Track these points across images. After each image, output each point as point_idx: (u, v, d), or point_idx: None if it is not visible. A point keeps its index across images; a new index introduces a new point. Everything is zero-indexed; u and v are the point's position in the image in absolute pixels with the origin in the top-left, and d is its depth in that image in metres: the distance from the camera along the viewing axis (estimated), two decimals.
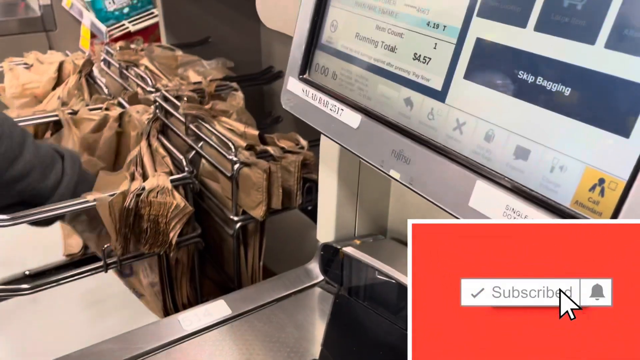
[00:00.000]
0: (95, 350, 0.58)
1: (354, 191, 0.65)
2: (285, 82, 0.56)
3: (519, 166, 0.36)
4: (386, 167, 0.45)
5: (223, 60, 1.25)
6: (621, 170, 0.31)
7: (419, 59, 0.43)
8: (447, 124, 0.41)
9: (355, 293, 0.66)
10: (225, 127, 0.88)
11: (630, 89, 0.31)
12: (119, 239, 0.70)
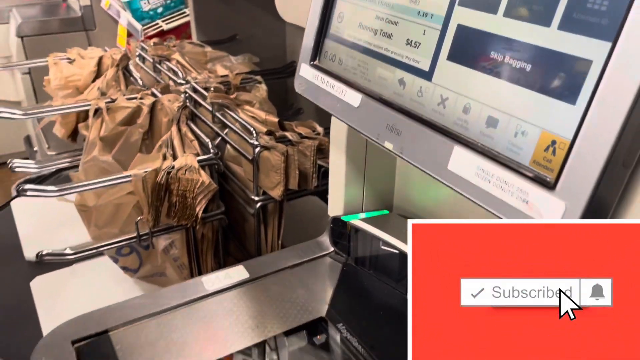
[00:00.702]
0: (127, 304, 0.65)
1: (362, 169, 0.72)
2: (298, 69, 0.63)
3: (489, 133, 0.42)
4: (381, 139, 0.51)
5: (249, 55, 1.33)
6: (568, 132, 0.36)
7: (410, 43, 0.50)
8: (433, 100, 0.47)
9: (362, 262, 0.72)
10: (248, 115, 0.95)
11: (577, 63, 0.36)
12: (151, 211, 0.78)
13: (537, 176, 0.38)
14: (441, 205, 0.68)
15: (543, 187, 0.37)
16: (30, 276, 1.08)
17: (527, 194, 0.38)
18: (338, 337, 0.62)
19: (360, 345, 0.60)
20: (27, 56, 1.97)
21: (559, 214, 0.36)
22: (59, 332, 0.61)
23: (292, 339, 0.62)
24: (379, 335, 0.62)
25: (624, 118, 0.33)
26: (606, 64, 0.34)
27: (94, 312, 0.64)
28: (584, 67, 0.36)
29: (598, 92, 0.34)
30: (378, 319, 0.66)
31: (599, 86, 0.34)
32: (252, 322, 0.62)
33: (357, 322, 0.63)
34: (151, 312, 0.64)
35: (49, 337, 0.60)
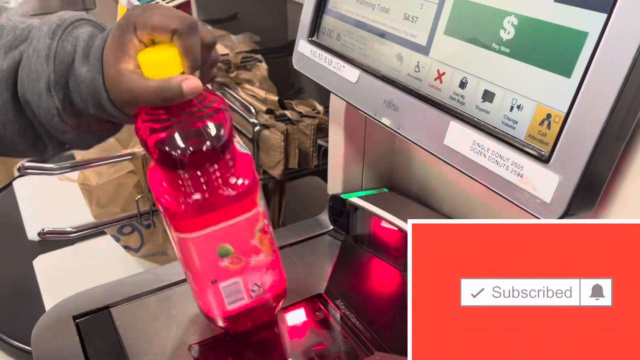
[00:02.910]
0: (128, 281, 0.66)
1: (361, 147, 0.72)
2: (297, 45, 0.63)
3: (486, 107, 0.42)
4: (379, 115, 0.51)
5: (250, 34, 1.32)
6: (563, 105, 0.36)
7: (408, 18, 0.49)
8: (430, 75, 0.47)
9: (360, 240, 0.72)
10: (248, 94, 0.95)
11: (572, 35, 0.36)
12: None
13: (532, 150, 0.38)
14: (440, 182, 0.68)
15: (537, 160, 0.37)
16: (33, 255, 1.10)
17: (521, 167, 0.38)
18: (336, 314, 0.62)
19: (358, 321, 0.60)
20: None
21: (552, 187, 0.36)
22: (61, 308, 0.62)
23: (290, 315, 0.62)
24: (377, 311, 0.62)
25: (618, 91, 0.33)
26: (601, 36, 0.34)
27: (95, 288, 0.64)
28: (579, 39, 0.36)
29: (592, 65, 0.34)
30: (376, 296, 0.66)
31: (594, 59, 0.34)
32: None
33: (355, 299, 0.64)
34: (151, 288, 0.64)
35: (50, 313, 0.61)
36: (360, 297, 0.64)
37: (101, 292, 0.64)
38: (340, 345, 0.59)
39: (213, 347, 0.58)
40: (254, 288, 0.55)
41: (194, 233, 0.49)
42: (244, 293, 0.54)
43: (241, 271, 0.53)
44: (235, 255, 0.52)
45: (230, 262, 0.52)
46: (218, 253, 0.51)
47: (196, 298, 0.57)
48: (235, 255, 0.52)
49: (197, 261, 0.52)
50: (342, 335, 0.60)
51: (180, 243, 0.51)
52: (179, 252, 0.53)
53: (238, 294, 0.54)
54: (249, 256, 0.53)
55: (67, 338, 0.57)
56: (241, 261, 0.53)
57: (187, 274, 0.55)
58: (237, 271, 0.53)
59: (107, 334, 0.58)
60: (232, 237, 0.51)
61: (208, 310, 0.56)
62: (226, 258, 0.52)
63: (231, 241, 0.51)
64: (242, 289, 0.54)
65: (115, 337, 0.58)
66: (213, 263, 0.51)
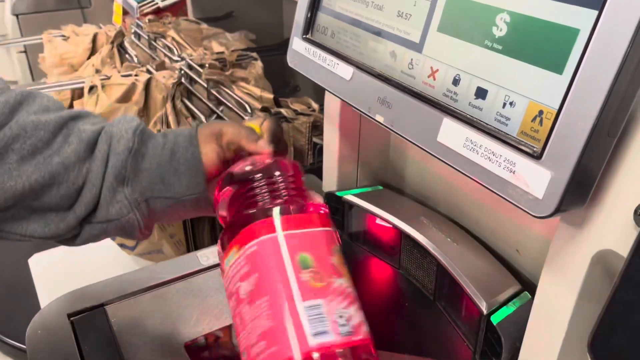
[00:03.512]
0: (123, 279, 0.66)
1: (355, 145, 0.72)
2: (291, 43, 0.63)
3: (478, 104, 0.42)
4: (372, 112, 0.51)
5: (245, 32, 1.32)
6: (555, 102, 0.36)
7: (402, 15, 0.49)
8: (424, 72, 0.47)
9: (355, 237, 0.73)
10: (243, 92, 0.95)
11: (564, 32, 0.36)
12: None
13: (524, 146, 0.38)
14: (434, 180, 0.68)
15: (530, 157, 0.37)
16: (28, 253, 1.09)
17: (514, 164, 0.38)
18: None
19: None
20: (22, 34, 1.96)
21: (545, 184, 0.36)
22: (55, 306, 0.61)
23: None
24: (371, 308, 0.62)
25: (609, 87, 0.33)
26: (592, 32, 0.34)
27: (90, 286, 0.64)
28: (571, 36, 0.36)
29: (584, 61, 0.34)
30: (370, 293, 0.66)
31: (585, 55, 0.34)
32: None
33: None
34: (146, 286, 0.65)
35: (45, 311, 0.61)
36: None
37: (96, 290, 0.64)
38: None
39: (208, 344, 0.58)
40: (339, 320, 0.41)
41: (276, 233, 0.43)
42: (329, 323, 0.40)
43: (323, 292, 0.41)
44: (315, 270, 0.42)
45: (311, 277, 0.42)
46: (299, 261, 0.42)
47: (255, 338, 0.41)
48: (315, 269, 0.42)
49: (275, 273, 0.42)
50: None
51: (254, 255, 0.43)
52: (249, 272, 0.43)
53: (322, 322, 0.40)
54: (330, 276, 0.42)
55: (62, 336, 0.57)
56: (322, 279, 0.42)
57: (245, 308, 0.42)
58: (319, 290, 0.41)
59: (102, 331, 0.58)
60: (312, 246, 0.43)
61: (282, 345, 0.40)
62: (306, 270, 0.42)
63: (310, 250, 0.43)
64: (327, 317, 0.40)
65: (110, 335, 0.58)
66: (294, 273, 0.41)
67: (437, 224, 0.63)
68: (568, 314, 0.42)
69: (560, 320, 0.43)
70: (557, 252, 0.42)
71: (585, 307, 0.42)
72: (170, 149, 0.49)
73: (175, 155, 0.49)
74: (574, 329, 0.43)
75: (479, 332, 0.54)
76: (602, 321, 0.33)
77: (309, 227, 0.44)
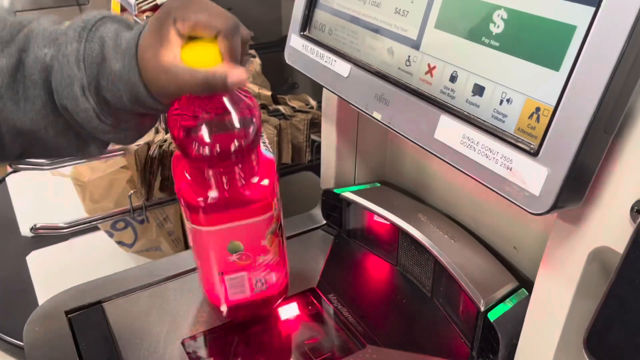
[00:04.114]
0: (121, 276, 0.66)
1: (353, 142, 0.72)
2: (288, 40, 0.63)
3: (475, 101, 0.42)
4: (370, 109, 0.51)
5: None
6: (552, 99, 0.36)
7: (399, 12, 0.49)
8: (421, 69, 0.47)
9: (353, 234, 0.73)
10: None
11: (561, 29, 0.36)
12: (144, 184, 0.78)
13: (521, 143, 0.38)
14: (431, 177, 0.68)
15: (526, 154, 0.37)
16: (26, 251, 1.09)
17: (511, 161, 0.38)
18: (329, 308, 0.62)
19: (350, 315, 0.61)
20: None
21: (541, 180, 0.36)
22: (53, 303, 0.61)
23: (283, 310, 0.62)
24: (370, 305, 0.63)
25: (606, 84, 0.33)
26: (589, 29, 0.34)
27: (88, 283, 0.64)
28: (568, 32, 0.36)
29: (581, 58, 0.34)
30: (368, 290, 0.66)
31: (582, 52, 0.34)
32: None
33: (347, 293, 0.64)
34: (144, 283, 0.64)
35: (42, 308, 0.61)
36: (352, 291, 0.65)
37: (93, 286, 0.64)
38: (333, 339, 0.59)
39: (206, 341, 0.58)
40: (257, 284, 0.57)
41: (208, 227, 0.51)
42: (247, 287, 0.56)
43: (248, 267, 0.55)
44: (244, 253, 0.53)
45: (238, 258, 0.54)
46: (228, 248, 0.53)
47: (203, 283, 0.59)
48: (244, 252, 0.53)
49: (208, 253, 0.54)
50: (334, 329, 0.60)
51: (194, 233, 0.53)
52: (192, 242, 0.55)
53: (241, 287, 0.56)
54: (257, 255, 0.54)
55: (60, 333, 0.57)
56: (249, 258, 0.54)
57: (197, 261, 0.57)
58: (243, 267, 0.54)
59: (99, 328, 0.58)
60: (244, 235, 0.52)
61: (212, 297, 0.58)
62: (235, 254, 0.53)
63: (242, 239, 0.53)
64: (246, 283, 0.56)
65: (108, 332, 0.58)
66: (222, 257, 0.53)
67: (435, 221, 0.63)
68: (565, 311, 0.42)
69: (557, 316, 0.43)
70: (554, 249, 0.43)
71: (582, 303, 0.42)
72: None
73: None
74: (570, 326, 0.43)
75: (476, 329, 0.54)
76: (597, 318, 0.33)
77: (245, 219, 0.51)
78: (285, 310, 0.62)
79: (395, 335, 0.58)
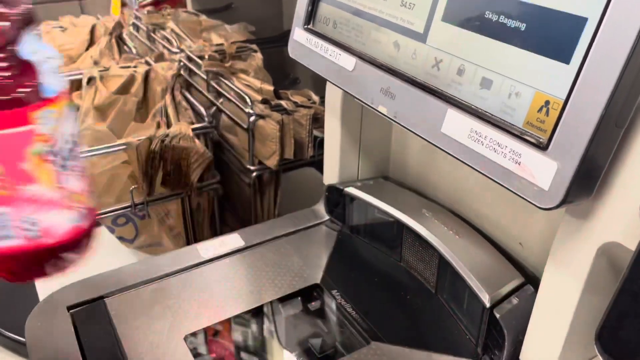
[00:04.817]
0: (123, 271, 0.66)
1: (357, 137, 0.71)
2: (292, 33, 0.62)
3: (483, 95, 0.42)
4: (375, 103, 0.51)
5: (245, 24, 1.31)
6: (562, 92, 0.36)
7: (405, 5, 0.49)
8: (427, 62, 0.46)
9: (356, 230, 0.72)
10: (243, 84, 0.94)
11: (571, 21, 0.35)
12: (145, 179, 0.78)
13: (530, 137, 0.38)
14: (436, 172, 0.68)
15: (536, 148, 0.37)
16: None
17: (519, 155, 0.38)
18: (332, 304, 0.62)
19: (354, 311, 0.60)
20: None
21: (551, 175, 0.36)
22: (55, 298, 0.61)
23: (287, 306, 0.62)
24: (373, 301, 0.62)
25: (617, 77, 0.32)
26: (600, 21, 0.33)
27: (90, 278, 0.64)
28: (578, 24, 0.35)
29: (592, 51, 0.34)
30: (372, 286, 0.66)
31: (593, 44, 0.34)
32: (247, 289, 0.63)
33: (351, 288, 0.64)
34: (146, 278, 0.64)
35: (44, 303, 0.61)
36: (356, 287, 0.64)
37: (95, 282, 0.63)
38: (337, 335, 0.59)
39: (208, 337, 0.58)
40: (27, 226, 0.43)
41: None
42: (12, 229, 0.42)
43: (9, 200, 0.42)
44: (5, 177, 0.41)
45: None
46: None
47: None
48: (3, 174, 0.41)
49: None
50: (338, 325, 0.60)
51: None
52: None
53: (5, 230, 0.42)
54: (19, 183, 0.42)
55: (61, 328, 0.57)
56: (9, 187, 0.42)
57: None
58: (4, 199, 0.42)
59: (101, 324, 0.58)
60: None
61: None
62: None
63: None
64: (10, 224, 0.42)
65: (110, 328, 0.57)
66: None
67: (439, 217, 0.62)
68: (573, 307, 0.42)
69: (564, 312, 0.43)
70: (562, 244, 0.42)
71: (590, 299, 0.42)
72: None
73: None
74: (578, 322, 0.43)
75: (481, 325, 0.54)
76: (610, 313, 0.33)
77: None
78: (288, 306, 0.62)
79: (399, 331, 0.58)
